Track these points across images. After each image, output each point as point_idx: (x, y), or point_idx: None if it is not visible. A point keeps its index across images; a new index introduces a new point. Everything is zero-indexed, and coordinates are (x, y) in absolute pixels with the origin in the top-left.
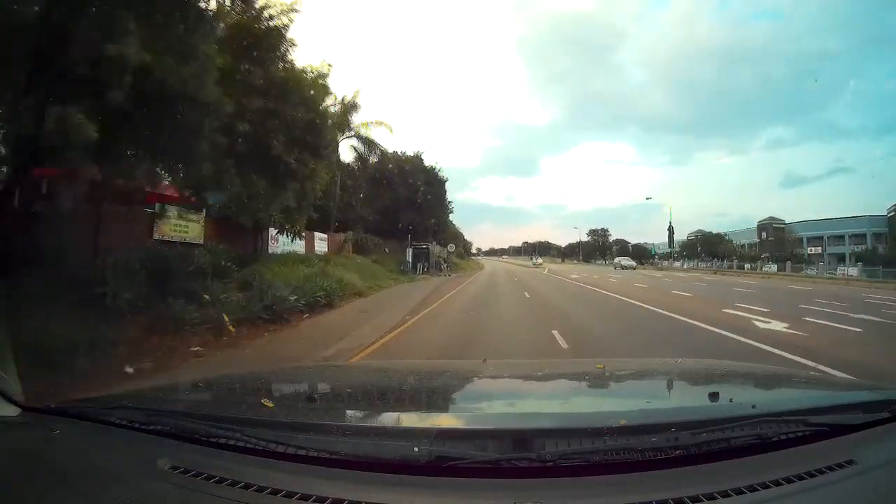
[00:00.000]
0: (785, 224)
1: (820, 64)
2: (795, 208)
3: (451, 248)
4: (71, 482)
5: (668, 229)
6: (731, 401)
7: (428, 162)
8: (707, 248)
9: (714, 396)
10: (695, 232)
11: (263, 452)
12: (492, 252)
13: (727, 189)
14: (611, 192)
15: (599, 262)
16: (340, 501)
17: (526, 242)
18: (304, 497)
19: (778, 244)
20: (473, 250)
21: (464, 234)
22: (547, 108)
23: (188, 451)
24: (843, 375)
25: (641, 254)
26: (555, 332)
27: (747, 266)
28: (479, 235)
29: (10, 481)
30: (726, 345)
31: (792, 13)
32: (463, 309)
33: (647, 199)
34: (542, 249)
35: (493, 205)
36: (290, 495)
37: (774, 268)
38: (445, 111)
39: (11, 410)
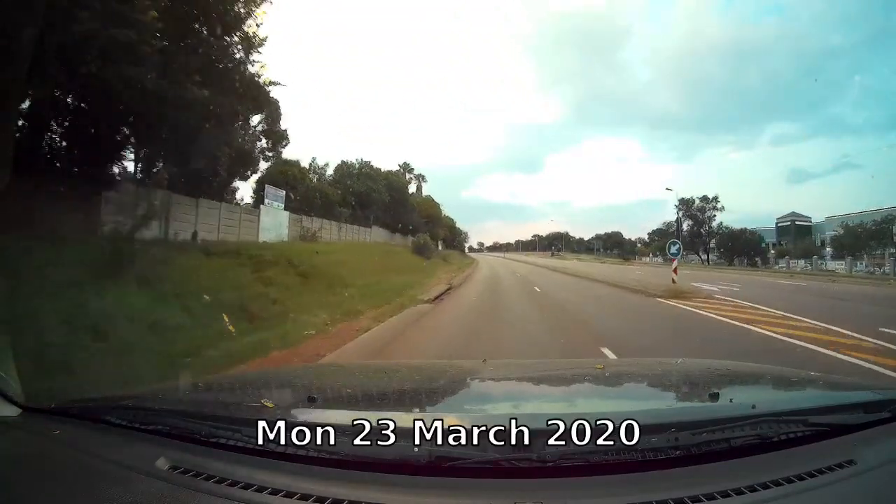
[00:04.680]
0: None
1: (825, 60)
2: (804, 204)
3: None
4: (71, 482)
5: None
6: (731, 401)
7: None
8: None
9: (714, 397)
10: (787, 215)
11: (263, 452)
12: (496, 247)
13: (735, 186)
14: (617, 188)
15: (693, 258)
16: (340, 501)
17: (537, 235)
18: (304, 497)
19: None
20: (475, 245)
21: (462, 227)
22: (553, 105)
23: (188, 451)
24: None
25: (752, 247)
26: None
27: None
28: (485, 232)
29: (11, 481)
30: None
31: (797, 8)
32: None
33: (668, 189)
34: (557, 243)
35: (499, 202)
36: (290, 495)
37: None
38: (452, 110)
39: (11, 410)
